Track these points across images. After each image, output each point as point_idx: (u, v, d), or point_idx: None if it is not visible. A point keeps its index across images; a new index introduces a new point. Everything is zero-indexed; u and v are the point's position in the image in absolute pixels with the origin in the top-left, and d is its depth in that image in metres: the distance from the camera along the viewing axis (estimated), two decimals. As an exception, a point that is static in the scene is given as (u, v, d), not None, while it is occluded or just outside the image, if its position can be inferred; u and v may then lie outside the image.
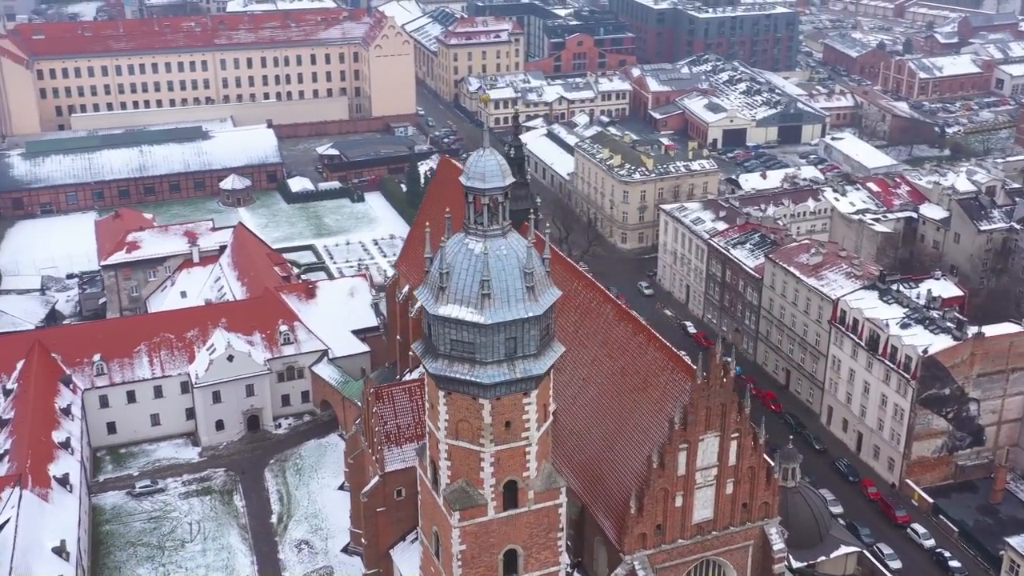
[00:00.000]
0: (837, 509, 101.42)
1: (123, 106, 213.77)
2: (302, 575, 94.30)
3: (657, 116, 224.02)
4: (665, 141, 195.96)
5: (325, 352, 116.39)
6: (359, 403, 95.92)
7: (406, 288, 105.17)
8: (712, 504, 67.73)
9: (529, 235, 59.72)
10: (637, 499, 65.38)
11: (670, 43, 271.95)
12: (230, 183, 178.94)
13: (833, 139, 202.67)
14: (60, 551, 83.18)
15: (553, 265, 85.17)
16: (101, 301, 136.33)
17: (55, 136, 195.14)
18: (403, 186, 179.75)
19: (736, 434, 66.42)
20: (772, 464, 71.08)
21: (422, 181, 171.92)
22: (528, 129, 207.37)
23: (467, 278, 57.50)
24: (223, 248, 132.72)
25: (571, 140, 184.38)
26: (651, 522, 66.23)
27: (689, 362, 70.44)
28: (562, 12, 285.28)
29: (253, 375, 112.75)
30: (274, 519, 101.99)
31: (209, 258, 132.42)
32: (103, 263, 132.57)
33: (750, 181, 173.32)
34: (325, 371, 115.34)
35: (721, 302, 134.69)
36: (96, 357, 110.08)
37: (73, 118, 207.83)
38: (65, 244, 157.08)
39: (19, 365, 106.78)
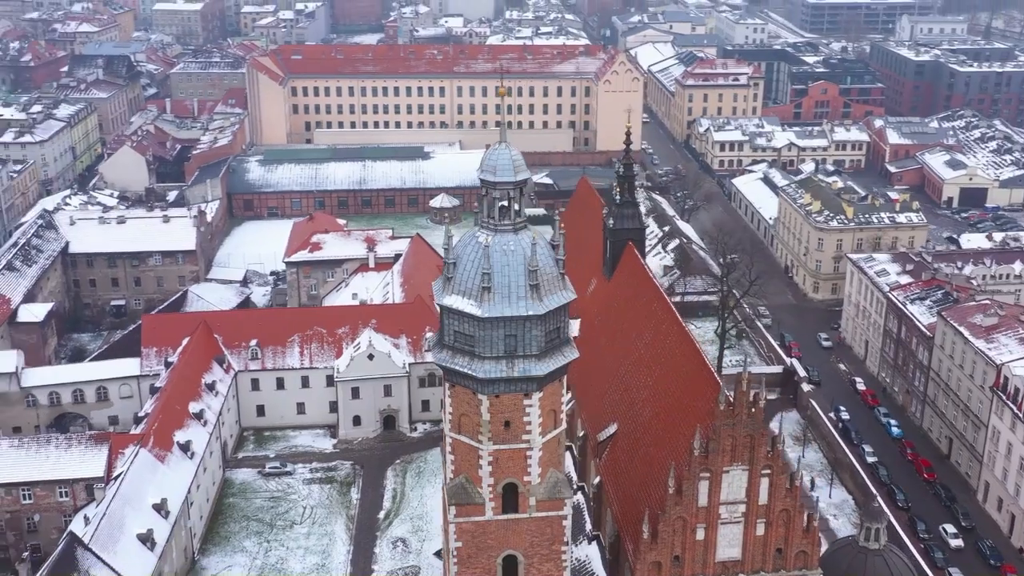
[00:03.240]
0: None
1: (364, 125, 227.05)
2: (390, 570, 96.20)
3: (893, 169, 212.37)
4: (893, 195, 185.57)
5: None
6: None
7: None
8: (739, 543, 63.52)
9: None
10: (650, 523, 62.39)
11: (928, 97, 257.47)
12: (439, 201, 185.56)
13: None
14: (160, 508, 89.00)
15: (633, 284, 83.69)
16: (288, 297, 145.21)
17: (290, 147, 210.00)
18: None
19: (767, 470, 61.99)
20: (813, 509, 65.57)
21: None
22: (748, 172, 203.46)
23: (471, 270, 57.47)
24: (398, 256, 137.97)
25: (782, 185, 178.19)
26: (667, 551, 62.97)
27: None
28: (811, 59, 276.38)
29: (391, 376, 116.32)
30: (381, 515, 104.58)
31: (384, 264, 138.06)
32: (286, 260, 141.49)
33: (972, 241, 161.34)
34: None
35: (895, 360, 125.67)
36: (253, 342, 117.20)
37: (316, 132, 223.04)
38: (278, 244, 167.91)
39: (184, 342, 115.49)
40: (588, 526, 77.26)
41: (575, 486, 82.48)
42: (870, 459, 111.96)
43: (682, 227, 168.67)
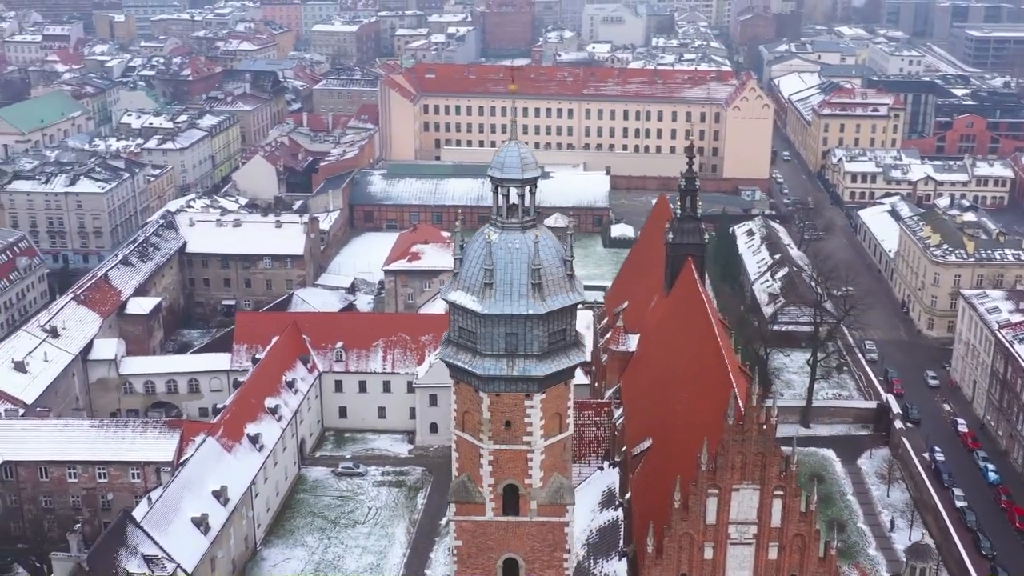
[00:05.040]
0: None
1: (492, 144, 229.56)
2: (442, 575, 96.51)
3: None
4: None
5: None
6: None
7: (605, 319, 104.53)
8: (751, 566, 60.97)
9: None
10: (655, 537, 60.73)
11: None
12: (553, 220, 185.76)
13: None
14: (219, 495, 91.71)
15: (686, 300, 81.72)
16: (385, 305, 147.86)
17: (414, 162, 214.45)
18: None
19: (780, 492, 59.39)
20: (833, 538, 62.27)
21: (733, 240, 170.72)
22: (877, 204, 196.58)
23: (475, 266, 57.53)
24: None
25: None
26: (673, 568, 61.08)
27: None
28: (960, 92, 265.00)
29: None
30: (443, 521, 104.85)
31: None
32: (384, 268, 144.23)
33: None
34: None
35: (1000, 402, 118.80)
36: (338, 345, 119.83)
37: (444, 150, 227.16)
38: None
39: (273, 340, 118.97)
40: (621, 542, 75.62)
41: (618, 502, 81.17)
42: (959, 503, 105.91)
43: (795, 256, 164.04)
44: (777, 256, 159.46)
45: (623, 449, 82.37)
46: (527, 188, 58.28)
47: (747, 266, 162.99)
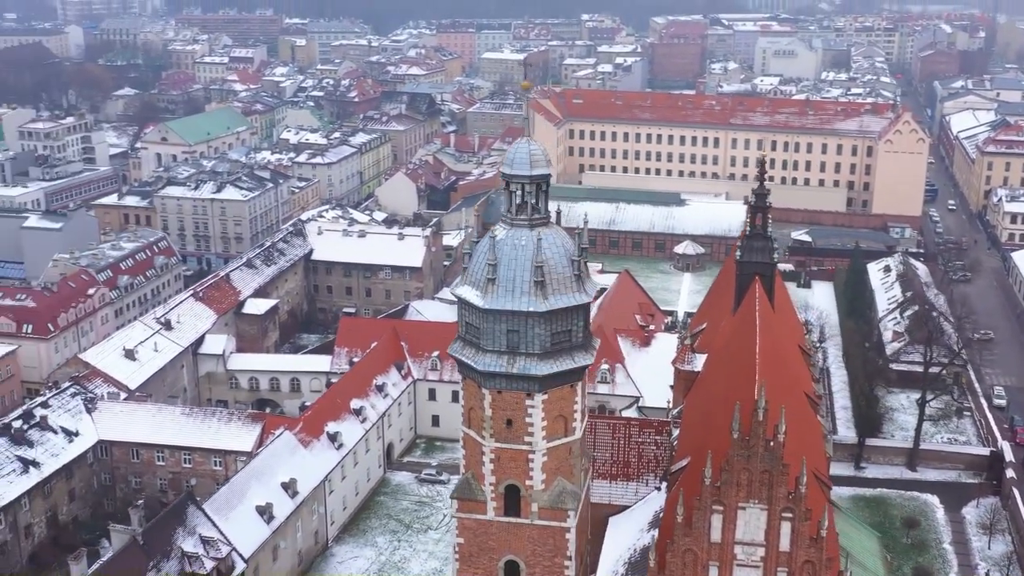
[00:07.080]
0: None
1: (636, 171, 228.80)
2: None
3: None
4: None
5: (636, 399, 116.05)
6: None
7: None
8: (759, 591, 58.27)
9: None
10: (657, 551, 58.87)
11: None
12: (683, 248, 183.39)
13: None
14: (287, 487, 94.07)
15: (746, 321, 78.95)
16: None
17: (552, 185, 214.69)
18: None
19: (788, 514, 56.56)
20: (847, 569, 58.64)
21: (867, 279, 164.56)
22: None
23: (481, 261, 57.70)
24: (603, 290, 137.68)
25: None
26: (676, 585, 58.98)
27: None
28: None
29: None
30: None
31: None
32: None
33: None
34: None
35: None
36: (434, 353, 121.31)
37: (586, 174, 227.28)
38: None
39: (372, 345, 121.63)
40: (658, 561, 73.54)
41: (664, 522, 79.13)
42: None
43: (931, 295, 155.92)
44: (908, 294, 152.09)
45: (671, 468, 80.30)
46: (537, 185, 58.18)
47: (878, 303, 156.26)
